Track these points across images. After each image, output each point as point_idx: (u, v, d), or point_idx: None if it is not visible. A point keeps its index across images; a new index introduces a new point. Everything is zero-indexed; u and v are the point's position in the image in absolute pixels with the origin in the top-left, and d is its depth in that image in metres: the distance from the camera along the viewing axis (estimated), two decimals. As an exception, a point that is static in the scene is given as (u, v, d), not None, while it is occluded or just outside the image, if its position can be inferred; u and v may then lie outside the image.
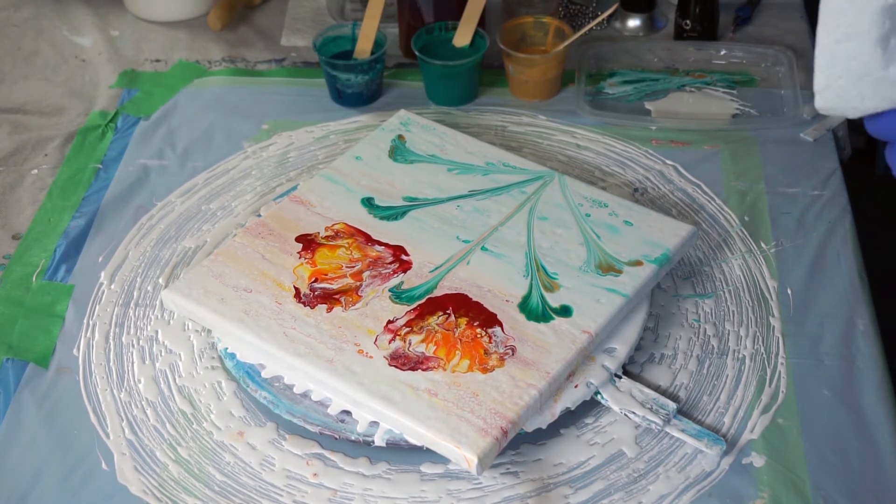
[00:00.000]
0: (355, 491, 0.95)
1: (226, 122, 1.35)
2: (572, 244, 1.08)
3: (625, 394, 0.99)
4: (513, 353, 0.98)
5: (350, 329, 1.01)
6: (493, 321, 1.01)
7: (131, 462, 0.98)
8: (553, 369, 0.96)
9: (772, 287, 1.11)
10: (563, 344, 0.99)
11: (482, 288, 1.04)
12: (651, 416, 0.97)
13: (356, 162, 1.19)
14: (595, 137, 1.30)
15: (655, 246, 1.07)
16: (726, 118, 1.33)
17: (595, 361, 1.00)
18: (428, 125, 1.24)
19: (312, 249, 1.09)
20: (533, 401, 0.94)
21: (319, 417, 0.98)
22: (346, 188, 1.16)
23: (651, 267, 1.05)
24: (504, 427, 0.92)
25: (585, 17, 1.48)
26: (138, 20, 1.55)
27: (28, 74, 1.47)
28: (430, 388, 0.95)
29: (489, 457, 0.91)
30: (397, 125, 1.24)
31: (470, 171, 1.17)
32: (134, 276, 1.15)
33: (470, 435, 0.91)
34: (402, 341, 0.99)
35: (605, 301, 1.02)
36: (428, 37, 1.36)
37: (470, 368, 0.97)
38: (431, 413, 0.93)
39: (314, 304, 1.03)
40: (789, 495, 0.93)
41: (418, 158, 1.19)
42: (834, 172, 1.24)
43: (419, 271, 1.06)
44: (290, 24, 1.53)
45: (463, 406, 0.93)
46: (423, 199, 1.14)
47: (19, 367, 1.07)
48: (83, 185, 1.27)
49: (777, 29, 1.47)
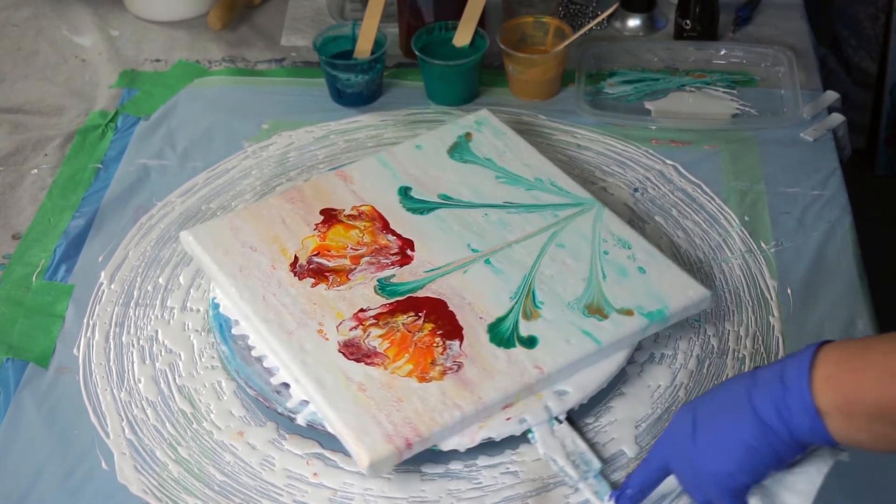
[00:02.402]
0: (355, 491, 0.95)
1: (226, 122, 1.35)
2: (574, 278, 1.05)
3: (557, 440, 0.95)
4: (458, 369, 0.97)
5: (322, 308, 1.03)
6: (455, 334, 1.00)
7: (131, 462, 0.98)
8: (487, 396, 0.95)
9: (772, 287, 1.11)
10: (510, 374, 0.96)
11: (464, 300, 1.03)
12: (570, 469, 0.94)
13: (414, 150, 1.19)
14: (595, 137, 1.30)
15: (656, 300, 1.02)
16: (726, 118, 1.33)
17: (541, 399, 0.97)
18: (500, 129, 1.22)
19: (330, 224, 1.11)
20: (453, 422, 0.93)
21: (260, 384, 1.00)
22: (393, 173, 1.17)
23: (640, 320, 1.00)
24: (410, 440, 0.91)
25: (585, 17, 1.48)
26: (138, 20, 1.55)
27: (28, 74, 1.47)
28: (362, 383, 0.96)
29: (385, 464, 0.91)
30: (471, 123, 1.23)
31: (516, 183, 1.15)
32: (134, 276, 1.15)
33: (374, 438, 0.91)
34: (363, 332, 1.01)
35: (574, 342, 0.99)
36: (428, 37, 1.36)
37: (410, 374, 0.97)
38: (351, 407, 0.94)
39: (303, 276, 1.06)
40: (789, 495, 0.93)
41: (473, 159, 1.18)
42: (834, 172, 1.24)
43: (414, 269, 1.06)
44: (290, 24, 1.53)
45: (382, 408, 0.94)
46: (456, 200, 1.13)
47: (19, 367, 1.07)
48: (83, 184, 1.27)
49: (777, 29, 1.47)
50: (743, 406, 0.78)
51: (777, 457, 0.78)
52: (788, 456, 0.78)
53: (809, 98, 1.34)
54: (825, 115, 1.31)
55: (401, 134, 1.32)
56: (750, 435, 0.78)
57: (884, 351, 0.72)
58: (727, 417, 0.79)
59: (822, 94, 1.34)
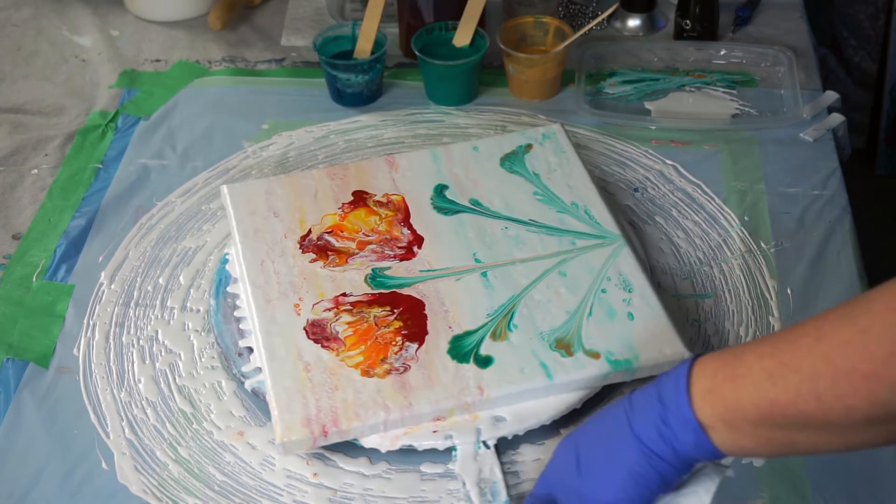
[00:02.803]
0: (355, 491, 0.95)
1: (226, 121, 1.35)
2: (560, 308, 1.01)
3: (475, 464, 0.94)
4: (403, 371, 0.97)
5: (310, 284, 1.05)
6: (418, 338, 1.00)
7: (131, 462, 0.98)
8: (418, 405, 0.94)
9: (772, 287, 1.11)
10: (450, 388, 0.95)
11: (443, 306, 1.02)
12: (475, 494, 0.92)
13: (469, 151, 1.19)
14: (595, 137, 1.30)
15: (629, 349, 0.98)
16: (726, 118, 1.33)
17: (475, 420, 0.95)
18: (562, 147, 1.19)
19: (355, 206, 1.12)
20: (375, 421, 0.93)
21: (227, 343, 1.04)
22: (438, 169, 1.17)
23: (603, 366, 0.97)
24: (327, 428, 0.93)
25: (585, 17, 1.49)
26: (138, 20, 1.55)
27: (28, 74, 1.47)
28: (309, 363, 0.98)
29: (297, 446, 0.93)
30: (538, 135, 1.20)
31: (550, 203, 1.12)
32: (134, 276, 1.15)
33: (295, 418, 0.93)
34: (334, 315, 1.02)
35: (527, 372, 0.96)
36: (428, 37, 1.36)
37: (357, 365, 0.98)
38: (289, 383, 0.96)
39: (307, 250, 1.08)
40: (789, 495, 0.93)
41: (521, 171, 1.16)
42: (834, 172, 1.24)
43: (411, 266, 1.07)
44: (290, 24, 1.53)
45: (316, 391, 0.95)
46: (484, 208, 1.12)
47: (19, 366, 1.07)
48: (83, 184, 1.27)
49: (777, 29, 1.47)
50: (624, 432, 0.77)
51: (663, 480, 0.77)
52: (674, 478, 0.77)
53: (809, 98, 1.34)
54: (825, 115, 1.31)
55: (401, 134, 1.32)
56: (634, 461, 0.77)
57: (760, 354, 0.71)
58: (609, 445, 0.78)
59: (822, 94, 1.34)
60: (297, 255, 1.08)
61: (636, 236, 1.15)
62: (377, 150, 1.29)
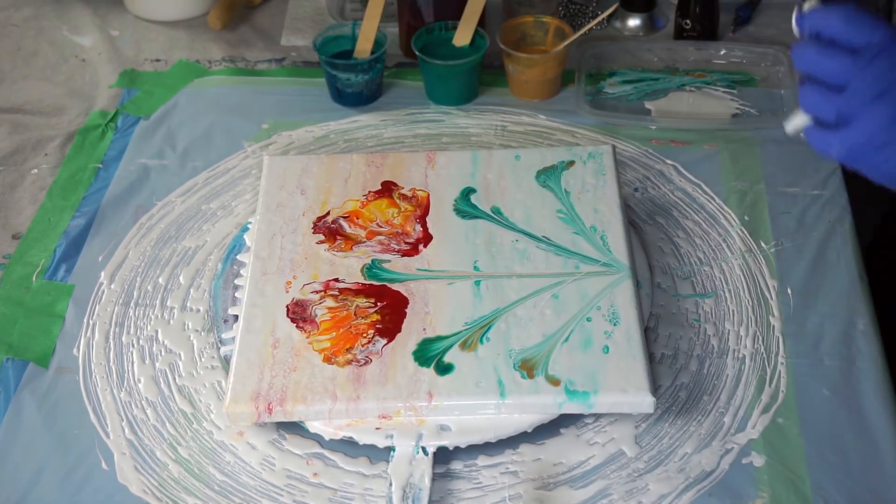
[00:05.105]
0: (355, 491, 0.95)
1: (226, 121, 1.35)
2: (538, 330, 0.99)
3: (410, 468, 0.94)
4: (363, 364, 0.98)
5: (309, 264, 1.06)
6: (389, 334, 1.00)
7: (131, 462, 0.98)
8: (365, 400, 0.95)
9: (772, 287, 1.11)
10: (402, 388, 0.95)
11: (426, 307, 1.02)
12: (398, 496, 0.92)
13: (511, 159, 1.17)
14: (595, 137, 1.30)
15: (591, 382, 0.95)
16: (726, 118, 1.33)
17: (420, 425, 0.95)
18: (603, 168, 1.15)
19: (378, 196, 1.13)
20: (321, 408, 0.95)
21: (217, 309, 1.09)
22: (473, 171, 1.16)
23: (559, 395, 0.94)
24: (272, 407, 0.95)
25: (585, 16, 1.49)
26: (138, 20, 1.55)
27: (28, 74, 1.47)
28: (278, 340, 1.00)
29: (241, 419, 0.96)
30: (584, 153, 1.16)
31: (570, 223, 1.09)
32: (134, 276, 1.15)
33: (246, 390, 0.96)
34: (319, 299, 1.03)
35: (482, 387, 0.95)
36: (428, 37, 1.36)
37: (322, 350, 0.99)
38: (252, 356, 0.98)
39: (318, 231, 1.10)
40: (789, 495, 0.93)
41: (553, 187, 1.13)
42: (834, 172, 1.24)
43: (410, 263, 1.07)
44: (290, 23, 1.53)
45: (274, 369, 0.98)
46: (503, 218, 1.10)
47: (19, 366, 1.07)
48: (83, 184, 1.27)
49: (777, 29, 1.47)
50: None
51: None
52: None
53: (809, 98, 1.33)
54: (825, 115, 1.31)
55: (401, 134, 1.32)
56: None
57: None
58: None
59: (822, 93, 1.34)
60: (307, 234, 1.09)
61: (636, 236, 1.15)
62: (377, 150, 1.29)
